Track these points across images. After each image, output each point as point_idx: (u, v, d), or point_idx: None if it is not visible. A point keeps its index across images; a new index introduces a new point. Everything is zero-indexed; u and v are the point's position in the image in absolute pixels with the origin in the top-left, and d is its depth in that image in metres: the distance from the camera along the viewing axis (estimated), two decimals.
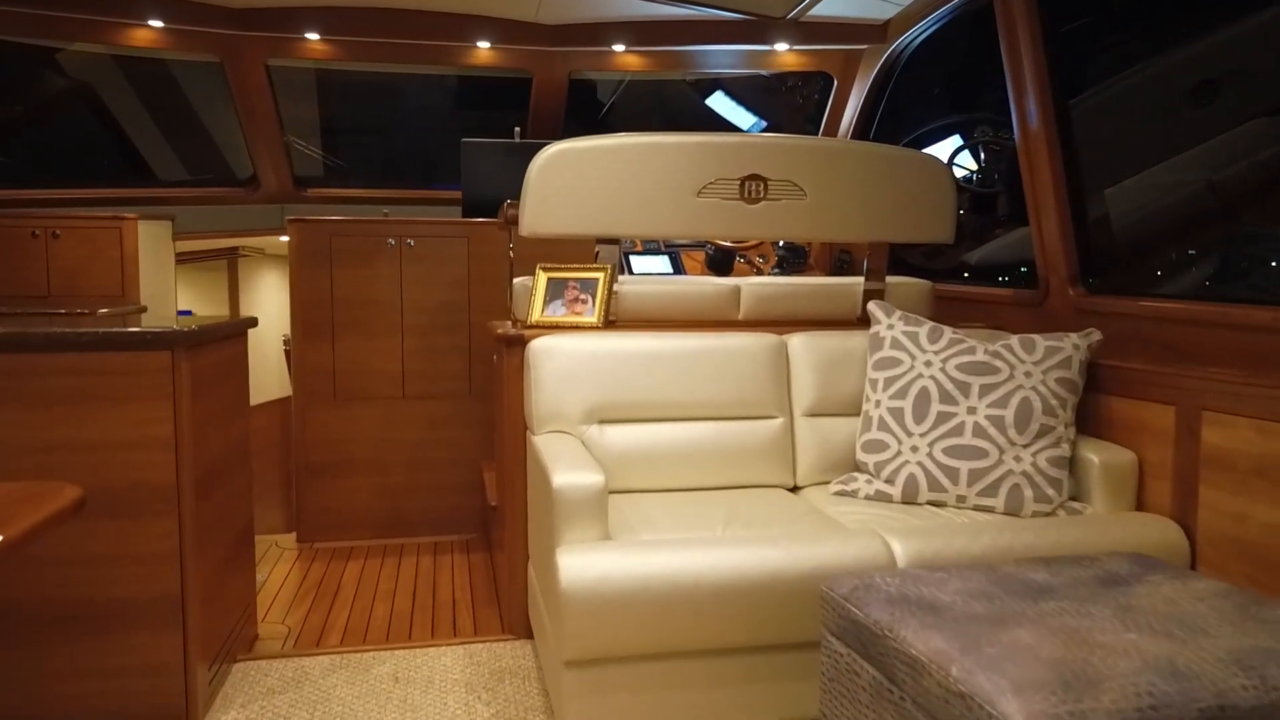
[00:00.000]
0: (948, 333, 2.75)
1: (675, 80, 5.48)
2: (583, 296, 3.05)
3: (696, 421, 2.83)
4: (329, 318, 4.23)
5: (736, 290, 3.28)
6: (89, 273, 4.41)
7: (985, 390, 2.61)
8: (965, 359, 2.66)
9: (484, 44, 4.68)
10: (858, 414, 2.89)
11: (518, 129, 4.74)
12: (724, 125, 5.38)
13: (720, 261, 4.69)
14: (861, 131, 4.60)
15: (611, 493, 2.74)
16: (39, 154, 5.27)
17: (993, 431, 2.56)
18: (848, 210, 3.16)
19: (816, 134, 5.04)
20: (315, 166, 5.78)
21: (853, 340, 2.95)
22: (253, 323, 3.03)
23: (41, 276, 4.37)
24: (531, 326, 3.01)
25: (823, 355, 2.92)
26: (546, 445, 2.60)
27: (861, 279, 3.39)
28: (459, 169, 4.84)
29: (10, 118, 5.03)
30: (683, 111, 5.59)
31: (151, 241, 4.72)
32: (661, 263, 4.76)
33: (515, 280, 3.36)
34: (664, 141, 3.04)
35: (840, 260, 4.74)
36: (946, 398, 2.63)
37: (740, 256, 4.80)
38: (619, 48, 4.62)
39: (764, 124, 5.34)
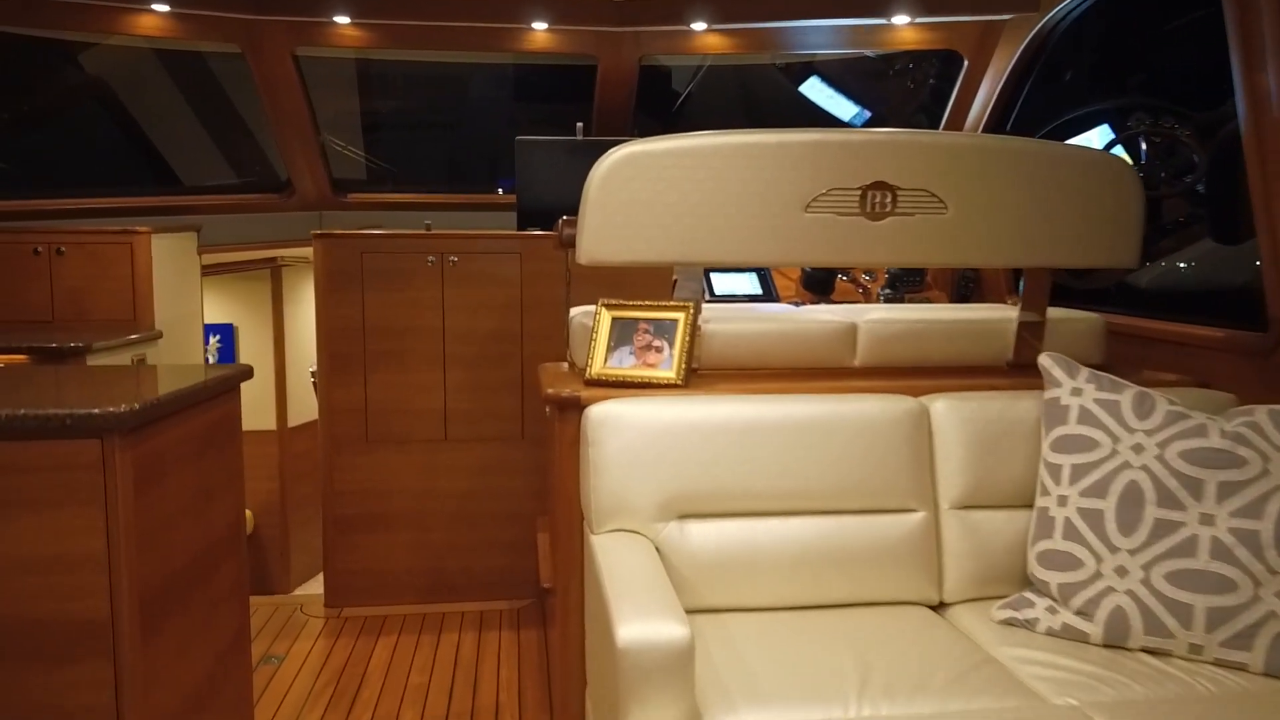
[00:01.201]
0: (1161, 404, 1.99)
1: (762, 64, 4.74)
2: (657, 343, 2.36)
3: (808, 516, 2.12)
4: (360, 349, 3.63)
5: (852, 329, 2.56)
6: (97, 294, 3.89)
7: (1227, 491, 1.85)
8: (1193, 443, 1.90)
9: (540, 25, 4.02)
10: (1025, 506, 2.14)
11: (580, 124, 4.08)
12: (819, 115, 4.63)
13: (819, 280, 3.95)
14: (996, 123, 3.80)
15: (695, 612, 2.05)
16: (47, 159, 4.80)
17: (1241, 553, 1.80)
18: (1002, 227, 2.41)
19: (932, 126, 4.26)
20: (356, 169, 5.21)
21: (1019, 405, 2.20)
22: (246, 375, 2.41)
23: (45, 298, 3.87)
24: (593, 382, 2.34)
25: (978, 426, 2.18)
26: (609, 558, 1.93)
27: (1011, 311, 2.64)
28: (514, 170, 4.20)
29: (14, 118, 4.56)
30: (771, 100, 4.86)
31: (172, 256, 4.19)
32: (748, 281, 4.04)
33: (573, 312, 2.70)
34: (763, 141, 2.33)
35: (965, 279, 3.96)
36: (1168, 499, 1.87)
37: (843, 274, 4.05)
38: (699, 26, 3.91)
39: (867, 114, 4.57)
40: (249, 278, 5.75)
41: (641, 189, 2.31)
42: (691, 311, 2.34)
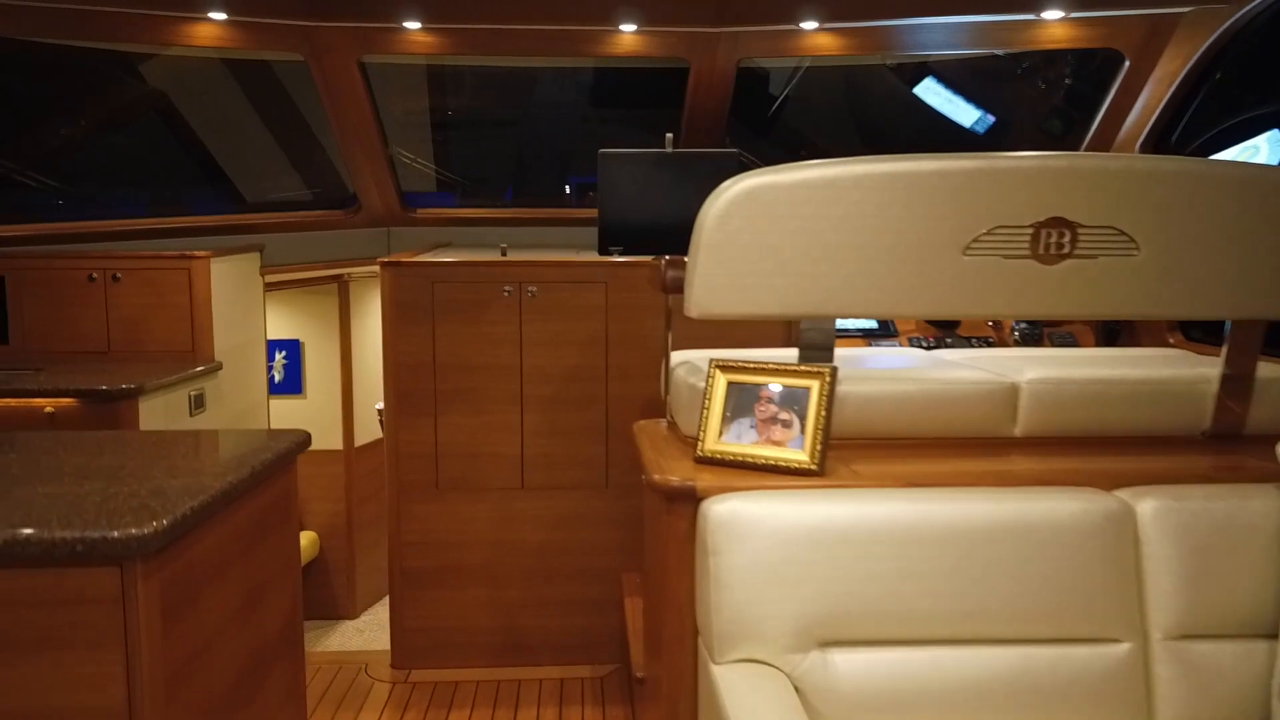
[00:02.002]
0: None
1: (870, 63, 4.28)
2: (784, 415, 1.96)
3: (985, 646, 1.70)
4: (430, 387, 3.30)
5: (1012, 392, 2.12)
6: (153, 323, 3.63)
7: None
8: None
9: (629, 27, 3.63)
10: (1264, 636, 1.69)
11: (670, 135, 3.68)
12: (935, 120, 4.16)
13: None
14: (1161, 135, 3.30)
15: None
16: (103, 177, 4.58)
17: None
18: (1208, 271, 1.96)
19: (1066, 133, 3.77)
20: (425, 180, 4.90)
21: (1251, 505, 1.75)
22: (303, 445, 2.09)
23: (100, 327, 3.62)
24: (705, 460, 1.95)
25: (1199, 533, 1.73)
26: (735, 700, 1.55)
27: (1205, 365, 2.18)
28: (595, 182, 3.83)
29: (71, 134, 4.34)
30: (881, 104, 4.41)
31: (233, 278, 3.92)
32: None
33: (674, 360, 2.31)
34: (916, 169, 1.92)
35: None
36: None
37: None
38: (809, 25, 3.48)
39: (991, 119, 4.09)
40: (315, 292, 5.51)
41: (767, 229, 1.92)
42: (828, 379, 1.94)
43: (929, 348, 3.37)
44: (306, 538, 4.94)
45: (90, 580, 1.38)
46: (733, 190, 1.92)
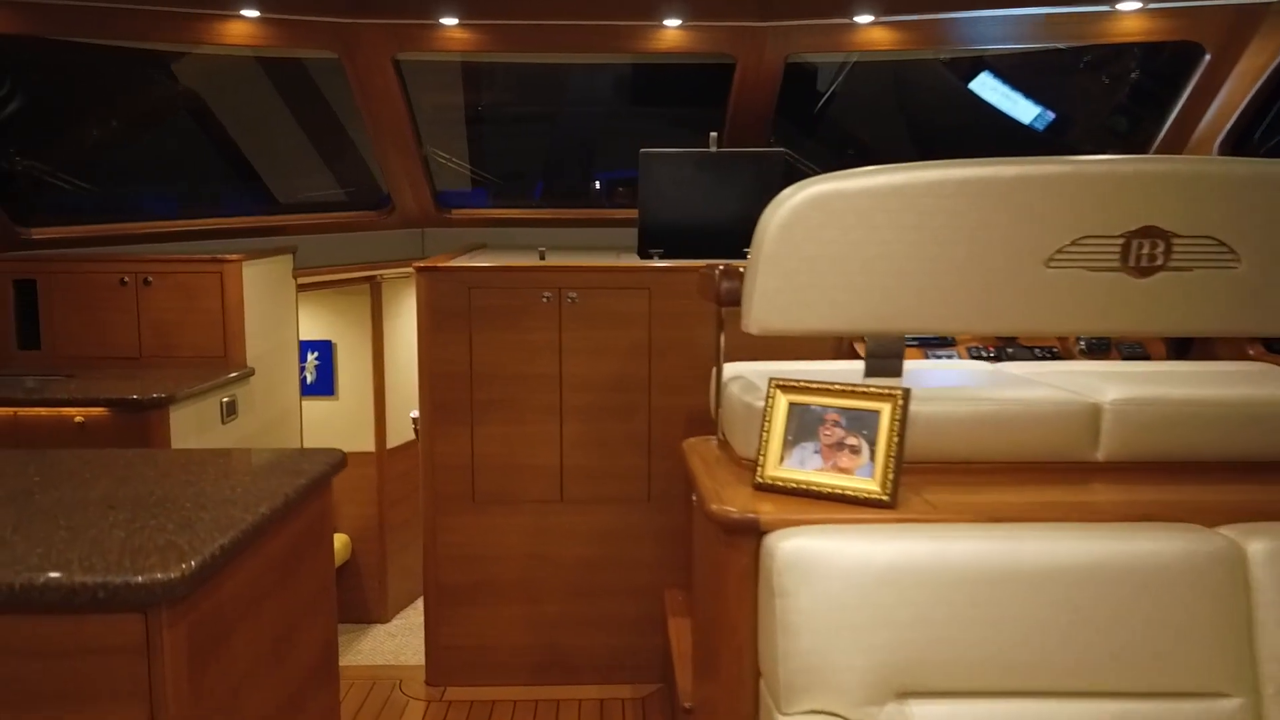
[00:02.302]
0: None
1: (922, 58, 4.11)
2: (851, 440, 1.82)
3: (1078, 699, 1.55)
4: (466, 397, 3.20)
5: (1094, 414, 1.96)
6: (185, 327, 3.56)
7: None
8: None
9: (673, 22, 3.50)
10: None
11: (714, 134, 3.54)
12: (992, 117, 3.98)
13: None
14: (1242, 135, 3.11)
15: None
16: (134, 179, 4.52)
17: None
18: None
19: (1132, 130, 3.59)
20: (459, 178, 4.79)
21: None
22: (339, 466, 1.98)
23: (131, 332, 3.55)
24: (766, 487, 1.82)
25: None
26: None
27: None
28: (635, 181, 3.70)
29: (102, 135, 4.28)
30: (933, 99, 4.23)
31: (266, 282, 3.84)
32: None
33: (726, 374, 2.18)
34: (995, 175, 1.78)
35: None
36: None
37: None
38: (864, 19, 3.32)
39: (1051, 115, 3.90)
40: (348, 292, 5.43)
41: (833, 240, 1.78)
42: (900, 403, 1.79)
43: (990, 359, 3.20)
44: (339, 540, 4.88)
45: (112, 628, 1.27)
46: (797, 198, 1.79)
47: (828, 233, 1.78)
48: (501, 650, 3.27)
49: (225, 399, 3.45)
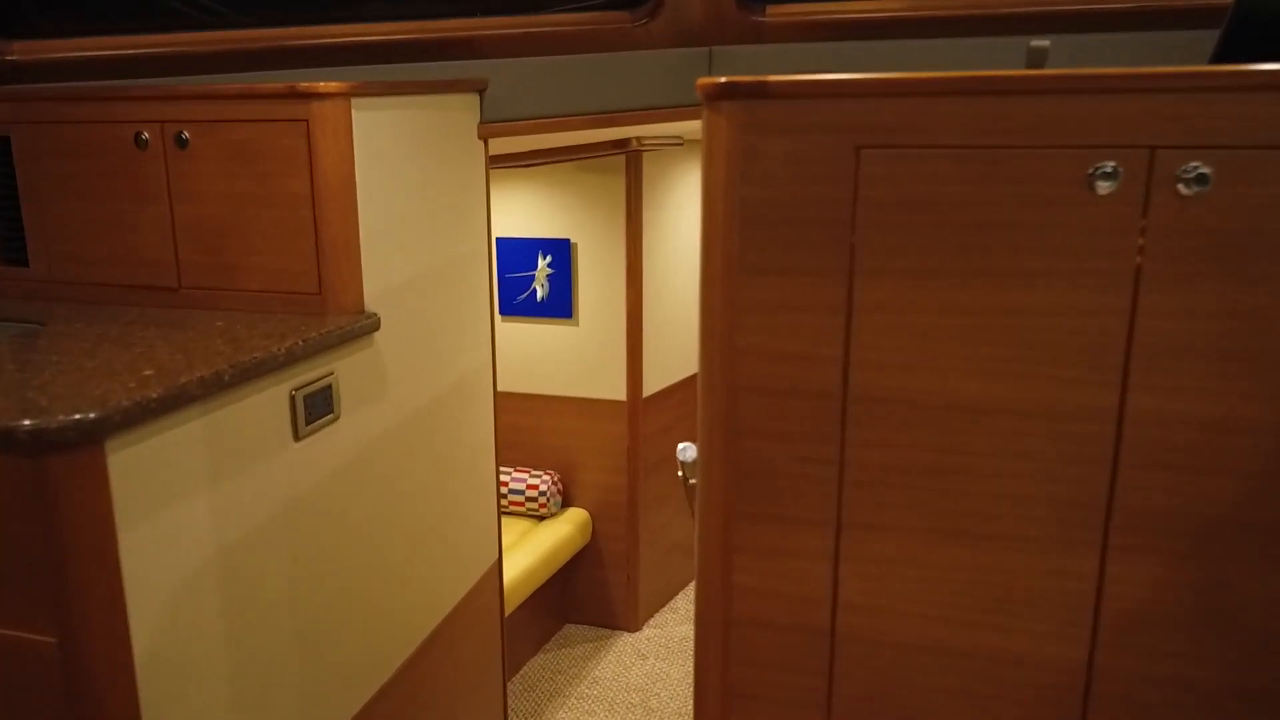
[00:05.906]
0: None
1: None
2: None
3: None
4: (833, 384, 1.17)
5: None
6: (250, 232, 1.81)
7: None
8: None
9: None
10: None
11: None
12: None
13: None
14: None
15: None
16: None
17: None
18: None
19: None
20: None
21: None
22: None
23: (159, 240, 1.86)
24: None
25: None
26: None
27: None
28: None
29: None
30: None
31: (416, 141, 2.01)
32: None
33: None
34: None
35: None
36: None
37: None
38: None
39: None
40: (592, 168, 3.59)
41: None
42: None
43: None
44: (578, 517, 3.74)
45: None
46: None
47: None
48: None
49: (302, 388, 1.66)
